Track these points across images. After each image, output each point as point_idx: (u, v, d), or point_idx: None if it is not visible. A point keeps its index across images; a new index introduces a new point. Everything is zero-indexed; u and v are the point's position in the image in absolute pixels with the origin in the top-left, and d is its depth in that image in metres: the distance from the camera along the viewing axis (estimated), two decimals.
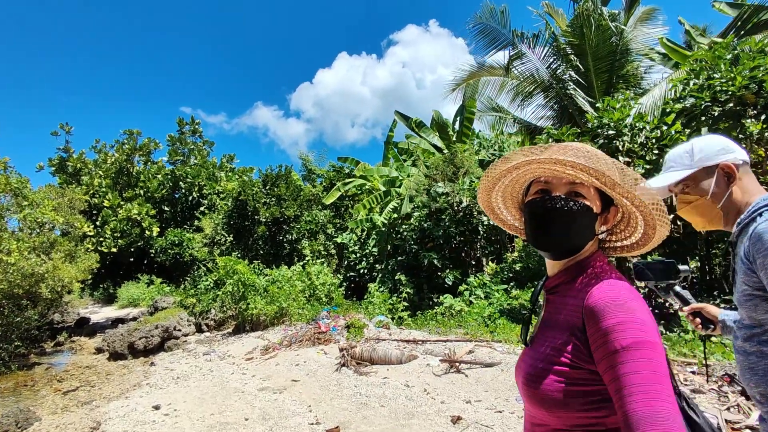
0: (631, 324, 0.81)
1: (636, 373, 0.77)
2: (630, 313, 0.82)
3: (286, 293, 11.90)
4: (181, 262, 16.48)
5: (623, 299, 0.85)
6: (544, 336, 0.98)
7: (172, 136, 22.54)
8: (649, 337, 0.80)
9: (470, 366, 5.17)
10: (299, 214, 16.24)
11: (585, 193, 0.96)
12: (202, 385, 6.76)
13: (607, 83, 10.83)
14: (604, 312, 0.84)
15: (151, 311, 14.61)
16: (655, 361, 0.78)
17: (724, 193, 1.32)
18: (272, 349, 8.92)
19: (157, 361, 9.86)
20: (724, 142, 1.36)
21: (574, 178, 0.93)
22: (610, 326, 0.82)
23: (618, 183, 0.90)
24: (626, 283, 0.90)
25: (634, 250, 1.08)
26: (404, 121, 13.93)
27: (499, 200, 1.17)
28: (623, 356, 0.79)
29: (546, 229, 0.97)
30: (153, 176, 20.96)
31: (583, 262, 0.99)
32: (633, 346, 0.79)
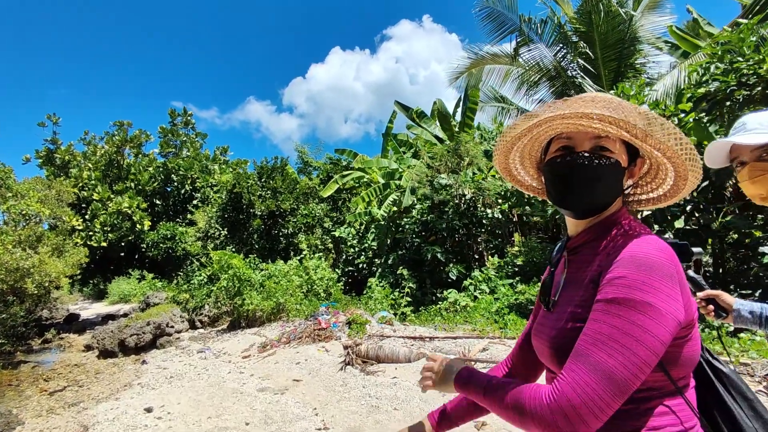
0: (633, 280, 0.75)
1: (605, 323, 0.74)
2: (640, 269, 0.76)
3: (283, 288, 11.52)
4: (173, 257, 16.01)
5: (644, 255, 0.78)
6: (567, 296, 0.92)
7: (164, 128, 21.91)
8: (643, 297, 0.74)
9: (486, 365, 4.84)
10: (295, 208, 15.83)
11: (611, 146, 0.89)
12: (197, 386, 6.38)
13: (615, 72, 10.52)
14: (617, 264, 0.79)
15: (143, 307, 14.17)
16: (638, 326, 0.72)
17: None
18: (270, 347, 8.55)
19: (149, 359, 9.45)
20: None
21: (601, 131, 0.86)
22: (613, 277, 0.78)
23: (650, 134, 0.83)
24: (657, 240, 0.83)
25: (660, 202, 1.03)
26: (404, 111, 13.54)
27: (517, 161, 1.11)
28: (609, 307, 0.75)
29: (572, 188, 0.91)
30: (144, 169, 20.38)
31: (607, 219, 0.93)
32: (621, 301, 0.74)
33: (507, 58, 11.34)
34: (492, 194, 9.97)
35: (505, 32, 10.10)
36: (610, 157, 0.88)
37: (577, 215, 0.94)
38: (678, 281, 0.79)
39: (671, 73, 9.58)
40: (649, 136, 0.83)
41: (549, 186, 0.97)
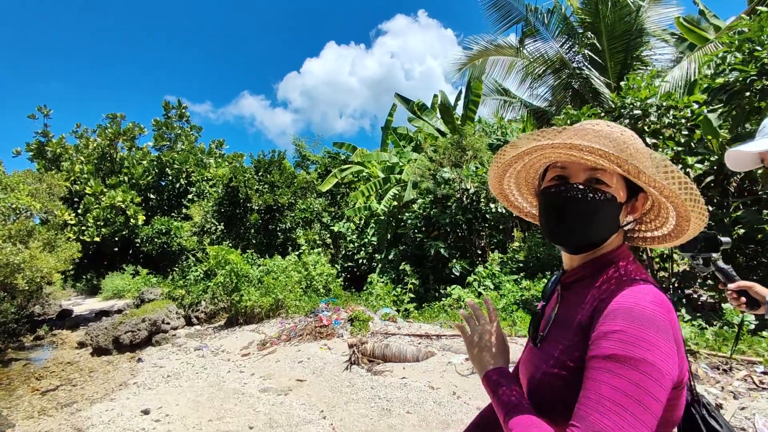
0: (629, 336, 0.70)
1: (606, 384, 0.68)
2: (637, 324, 0.71)
3: (282, 284, 11.30)
4: (168, 252, 15.69)
5: (639, 309, 0.73)
6: (555, 337, 0.89)
7: (158, 121, 21.45)
8: (642, 354, 0.69)
9: None
10: (293, 202, 15.56)
11: (607, 179, 0.85)
12: (195, 385, 6.15)
13: (622, 64, 10.31)
14: (611, 316, 0.74)
15: (138, 303, 13.88)
16: (638, 385, 0.67)
17: None
18: (270, 344, 8.33)
19: (144, 356, 9.20)
20: None
21: (594, 164, 0.82)
22: (607, 332, 0.73)
23: (643, 171, 0.78)
24: (653, 290, 0.79)
25: (666, 242, 0.97)
26: (405, 104, 13.28)
27: (513, 186, 1.08)
28: (608, 365, 0.70)
29: (562, 221, 0.87)
30: (138, 162, 19.96)
31: (605, 257, 0.88)
32: (616, 358, 0.69)
33: (511, 50, 11.10)
34: None
35: (511, 22, 9.86)
36: (605, 192, 0.84)
37: (569, 250, 0.91)
38: (673, 336, 0.74)
39: (680, 65, 9.40)
40: (642, 173, 0.79)
41: (541, 217, 0.93)
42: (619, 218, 0.87)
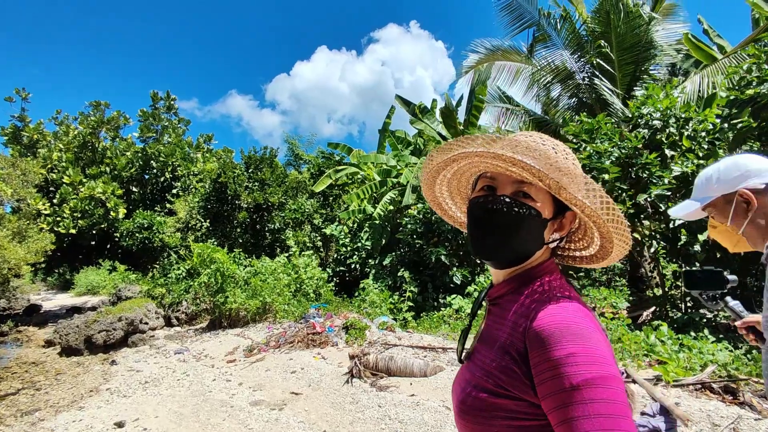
0: (585, 357, 0.67)
1: (590, 417, 0.64)
2: (584, 343, 0.69)
3: (270, 287, 10.73)
4: (149, 248, 14.90)
5: (576, 326, 0.71)
6: (481, 355, 0.85)
7: (145, 111, 20.57)
8: (606, 370, 0.67)
9: None
10: (284, 202, 15.00)
11: (534, 194, 0.82)
12: (177, 394, 5.56)
13: (631, 76, 10.15)
14: (552, 340, 0.70)
15: (114, 301, 13.09)
16: (611, 401, 0.65)
17: (744, 220, 1.31)
18: (258, 351, 7.76)
19: (119, 358, 8.52)
20: (746, 167, 1.31)
21: (519, 176, 0.81)
22: (560, 358, 0.68)
23: (564, 187, 0.75)
24: (578, 305, 0.76)
25: (593, 263, 0.95)
26: (405, 106, 12.91)
27: (446, 194, 1.05)
28: (575, 396, 0.66)
29: (485, 234, 0.84)
30: (121, 153, 19.07)
31: (530, 272, 0.86)
32: (586, 384, 0.66)
33: (519, 55, 10.87)
34: None
35: (523, 25, 9.60)
36: (530, 206, 0.81)
37: (492, 264, 0.88)
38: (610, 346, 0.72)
39: (691, 80, 9.25)
40: (563, 189, 0.76)
41: (468, 228, 0.90)
42: (544, 234, 0.85)
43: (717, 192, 1.35)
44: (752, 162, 1.32)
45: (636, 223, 6.61)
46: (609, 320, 5.83)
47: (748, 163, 1.32)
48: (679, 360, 4.05)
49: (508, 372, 0.75)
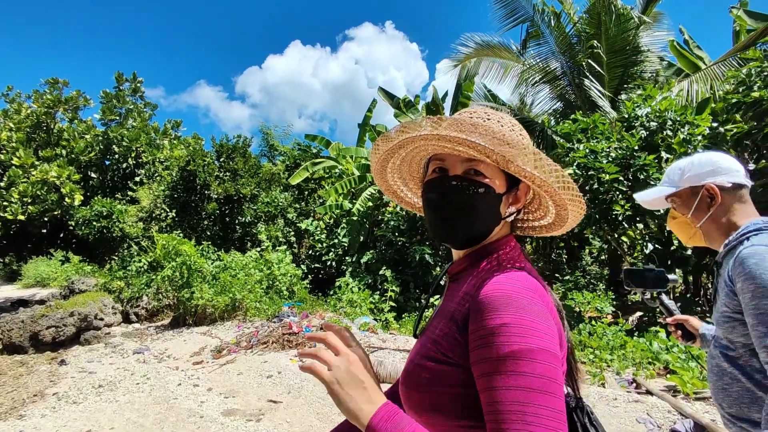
0: (518, 328, 0.66)
1: (512, 388, 0.64)
2: (520, 313, 0.68)
3: (241, 282, 10.07)
4: (108, 238, 13.80)
5: (517, 296, 0.70)
6: (432, 327, 0.84)
7: (108, 93, 19.17)
8: (536, 344, 0.66)
9: None
10: (256, 194, 14.27)
11: (485, 170, 0.81)
12: (137, 401, 4.93)
13: (619, 79, 10.13)
14: (490, 308, 0.69)
15: (66, 294, 12.02)
16: (535, 375, 0.64)
17: (705, 214, 1.35)
18: (228, 351, 7.17)
19: (69, 358, 7.71)
20: (717, 164, 1.35)
21: (466, 154, 0.79)
22: (493, 327, 0.68)
23: (511, 161, 0.75)
24: (529, 277, 0.75)
25: (552, 230, 0.95)
26: (388, 99, 12.49)
27: (398, 181, 1.04)
28: (499, 366, 0.65)
29: (441, 217, 0.84)
30: (80, 136, 17.70)
31: (487, 247, 0.85)
32: (514, 355, 0.65)
33: (508, 53, 10.66)
34: None
35: (517, 20, 9.38)
36: (483, 183, 0.81)
37: (454, 246, 0.88)
38: (552, 318, 0.72)
39: (680, 85, 9.26)
40: (510, 163, 0.76)
41: (424, 213, 0.90)
42: (499, 209, 0.84)
43: (686, 183, 1.38)
44: (724, 160, 1.36)
45: (631, 225, 6.44)
46: (606, 326, 5.61)
47: (721, 161, 1.36)
48: (692, 369, 3.83)
49: (451, 339, 0.76)
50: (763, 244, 1.19)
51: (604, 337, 5.32)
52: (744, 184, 1.34)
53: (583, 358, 4.85)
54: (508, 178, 0.84)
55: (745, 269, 1.16)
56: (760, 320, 1.13)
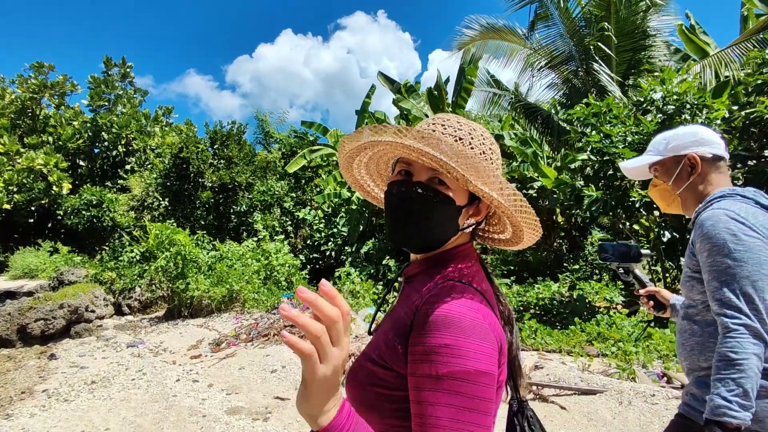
0: (458, 350, 0.68)
1: (446, 405, 0.67)
2: (461, 335, 0.69)
3: (238, 273, 9.76)
4: (98, 228, 13.34)
5: (460, 318, 0.71)
6: (381, 329, 0.86)
7: (96, 78, 18.48)
8: (474, 366, 0.68)
9: (557, 392, 3.63)
10: (252, 182, 13.88)
11: (449, 181, 0.82)
12: (133, 398, 4.63)
13: (627, 64, 9.86)
14: (434, 326, 0.71)
15: (55, 285, 11.62)
16: (471, 396, 0.67)
17: (684, 182, 1.43)
18: (227, 344, 6.88)
19: (59, 352, 7.37)
20: (700, 135, 1.43)
21: (429, 164, 0.80)
22: (434, 346, 0.69)
23: (470, 180, 0.76)
24: (475, 296, 0.76)
25: (510, 245, 0.97)
26: (389, 84, 12.12)
27: (366, 177, 1.04)
28: (437, 384, 0.68)
29: (400, 221, 0.84)
30: (67, 122, 17.11)
31: (443, 254, 0.87)
32: (452, 375, 0.67)
33: (514, 36, 10.32)
34: None
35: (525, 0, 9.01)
36: (444, 193, 0.81)
37: (411, 250, 0.88)
38: (495, 338, 0.73)
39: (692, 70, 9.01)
40: (469, 183, 0.77)
41: (384, 213, 0.90)
42: (458, 221, 0.85)
43: (670, 152, 1.45)
44: (707, 133, 1.44)
45: (650, 212, 6.20)
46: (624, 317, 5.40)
47: (704, 133, 1.43)
48: None
49: (391, 347, 0.77)
50: (720, 208, 1.28)
51: (623, 329, 5.10)
52: (723, 156, 1.42)
53: (605, 351, 4.63)
54: (470, 192, 0.84)
55: (703, 230, 1.26)
56: (713, 276, 1.22)
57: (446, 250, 0.86)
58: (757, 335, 1.15)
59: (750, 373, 1.12)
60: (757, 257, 1.18)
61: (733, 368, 1.13)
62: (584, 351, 4.68)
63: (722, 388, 1.13)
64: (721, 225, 1.23)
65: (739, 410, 1.10)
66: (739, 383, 1.11)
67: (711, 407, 1.14)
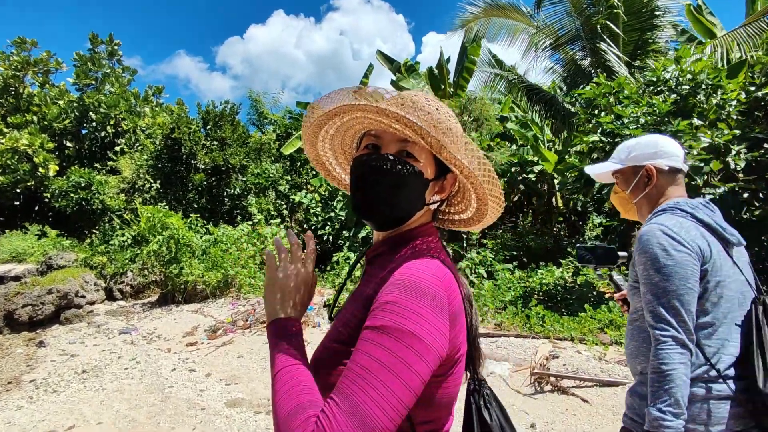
0: (402, 308, 0.68)
1: (370, 356, 0.65)
2: (411, 297, 0.69)
3: (234, 258, 9.50)
4: (87, 211, 12.92)
5: (418, 281, 0.71)
6: (345, 310, 0.85)
7: (81, 55, 17.72)
8: (410, 327, 0.66)
9: (577, 384, 3.45)
10: (246, 165, 13.52)
11: (417, 153, 0.82)
12: (126, 389, 4.40)
13: (635, 44, 9.57)
14: (390, 287, 0.72)
15: (43, 270, 11.28)
16: (397, 356, 0.64)
17: (640, 192, 1.49)
18: (224, 331, 6.66)
19: (49, 339, 7.12)
20: (659, 147, 1.47)
21: (401, 134, 0.80)
22: (382, 303, 0.70)
23: (445, 146, 0.77)
24: (441, 266, 0.76)
25: (470, 225, 0.98)
26: (388, 63, 11.72)
27: (329, 154, 1.02)
28: (372, 335, 0.67)
29: (367, 193, 0.83)
30: (53, 102, 16.48)
31: (407, 233, 0.86)
32: (384, 329, 0.66)
33: (520, 14, 9.97)
34: (497, 166, 8.66)
35: None
36: (413, 166, 0.81)
37: (374, 225, 0.87)
38: (450, 312, 0.72)
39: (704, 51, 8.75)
40: (444, 149, 0.77)
41: (350, 188, 0.89)
42: (425, 195, 0.85)
43: (630, 162, 1.51)
44: (667, 144, 1.49)
45: None
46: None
47: (664, 144, 1.48)
48: None
49: (359, 323, 0.75)
50: (657, 223, 1.33)
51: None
52: (680, 168, 1.46)
53: (620, 339, 4.47)
54: (438, 167, 0.85)
55: (640, 245, 1.32)
56: (647, 288, 1.29)
57: (410, 228, 0.86)
58: (683, 345, 1.23)
59: (678, 383, 1.20)
60: (683, 272, 1.25)
61: (664, 380, 1.21)
62: (598, 339, 4.52)
63: (657, 401, 1.21)
64: (654, 240, 1.29)
65: (673, 419, 1.18)
66: (670, 393, 1.19)
67: (649, 420, 1.20)
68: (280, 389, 0.70)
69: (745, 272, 1.38)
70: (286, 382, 0.71)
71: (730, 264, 1.33)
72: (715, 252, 1.30)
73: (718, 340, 1.29)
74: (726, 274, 1.31)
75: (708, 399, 1.25)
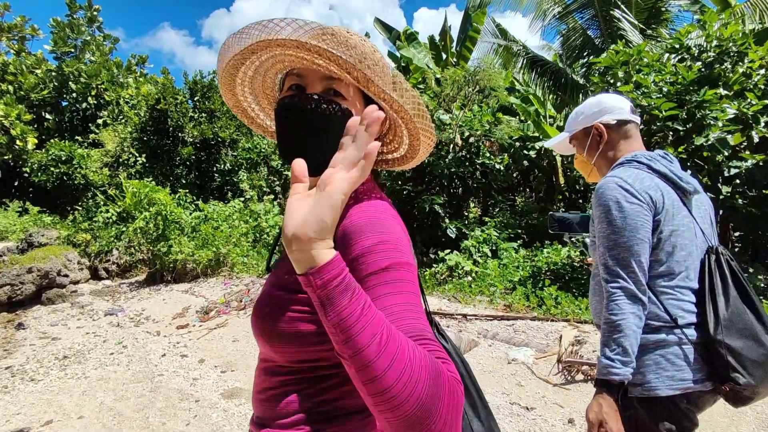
0: (389, 244, 0.70)
1: (399, 293, 0.66)
2: (388, 232, 0.71)
3: (225, 235, 9.08)
4: (68, 186, 12.29)
5: (382, 218, 0.73)
6: (286, 259, 0.80)
7: (59, 21, 16.63)
8: (405, 257, 0.70)
9: None
10: (236, 139, 12.93)
11: (344, 91, 0.79)
12: (112, 377, 4.03)
13: (648, 12, 9.12)
14: (361, 232, 0.71)
15: (23, 248, 10.71)
16: (412, 282, 0.69)
17: (595, 152, 1.50)
18: (217, 313, 6.28)
19: (28, 320, 6.69)
20: (603, 104, 1.48)
21: (326, 70, 0.77)
22: (370, 246, 0.69)
23: (372, 80, 0.73)
24: (386, 203, 0.80)
25: (403, 164, 0.95)
26: (386, 32, 11.10)
27: (250, 99, 0.95)
28: (384, 276, 0.67)
29: (294, 137, 0.79)
30: (30, 71, 15.55)
31: None
32: (392, 266, 0.68)
33: None
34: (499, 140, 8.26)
35: None
36: (340, 104, 0.77)
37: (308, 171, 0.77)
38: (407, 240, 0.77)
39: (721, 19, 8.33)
40: (371, 83, 0.73)
41: (276, 132, 0.84)
42: None
43: (580, 125, 1.52)
44: (611, 100, 1.49)
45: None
46: None
47: (607, 101, 1.48)
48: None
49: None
50: (612, 175, 1.36)
51: None
52: (628, 119, 1.47)
53: None
54: (366, 104, 0.81)
55: (596, 198, 1.35)
56: (600, 242, 1.33)
57: None
58: (633, 296, 1.24)
59: (628, 332, 1.21)
60: (633, 223, 1.26)
61: (614, 329, 1.22)
62: None
63: (606, 349, 1.23)
64: (609, 193, 1.30)
65: (621, 367, 1.19)
66: (619, 342, 1.21)
67: (599, 368, 1.23)
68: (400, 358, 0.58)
69: (702, 222, 1.37)
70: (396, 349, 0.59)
71: (685, 213, 1.33)
72: (669, 202, 1.30)
73: (676, 289, 1.29)
74: (680, 223, 1.31)
75: (665, 346, 1.25)
